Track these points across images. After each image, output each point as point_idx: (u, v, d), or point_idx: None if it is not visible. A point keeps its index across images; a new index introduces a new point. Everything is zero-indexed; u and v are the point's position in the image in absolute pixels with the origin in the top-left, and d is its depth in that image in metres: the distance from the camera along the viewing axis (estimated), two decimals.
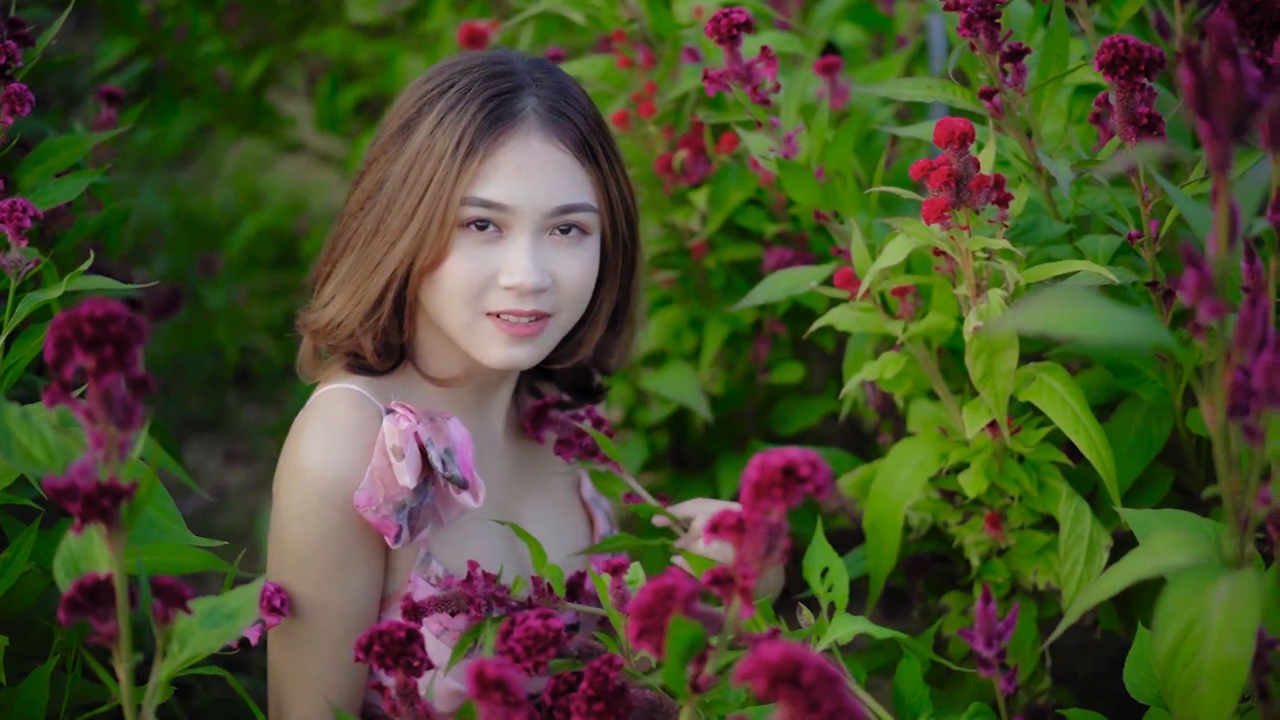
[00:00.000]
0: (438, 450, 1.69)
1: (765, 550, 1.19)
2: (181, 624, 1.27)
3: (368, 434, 1.69)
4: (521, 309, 1.70)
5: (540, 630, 1.42)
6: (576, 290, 1.74)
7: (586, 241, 1.75)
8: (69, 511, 1.16)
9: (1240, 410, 1.11)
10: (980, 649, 1.36)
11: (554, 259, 1.72)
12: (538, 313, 1.71)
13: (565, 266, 1.73)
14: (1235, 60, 1.02)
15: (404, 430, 1.67)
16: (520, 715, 1.28)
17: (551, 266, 1.71)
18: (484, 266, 1.70)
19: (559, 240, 1.72)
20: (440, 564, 1.74)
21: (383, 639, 1.40)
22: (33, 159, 1.95)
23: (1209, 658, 1.13)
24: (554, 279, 1.71)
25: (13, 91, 1.72)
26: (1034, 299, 1.12)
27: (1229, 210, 1.07)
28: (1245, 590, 1.13)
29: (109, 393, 1.16)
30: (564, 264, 1.73)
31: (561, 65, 2.34)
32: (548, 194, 1.70)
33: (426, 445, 1.68)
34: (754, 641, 1.23)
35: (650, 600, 1.20)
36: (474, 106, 1.69)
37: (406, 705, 1.44)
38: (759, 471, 1.16)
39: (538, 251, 1.70)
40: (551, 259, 1.72)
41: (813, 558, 1.71)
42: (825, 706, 1.03)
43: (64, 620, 1.18)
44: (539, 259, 1.70)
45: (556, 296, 1.73)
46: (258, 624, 1.65)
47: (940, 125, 1.66)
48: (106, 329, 1.13)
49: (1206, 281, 1.08)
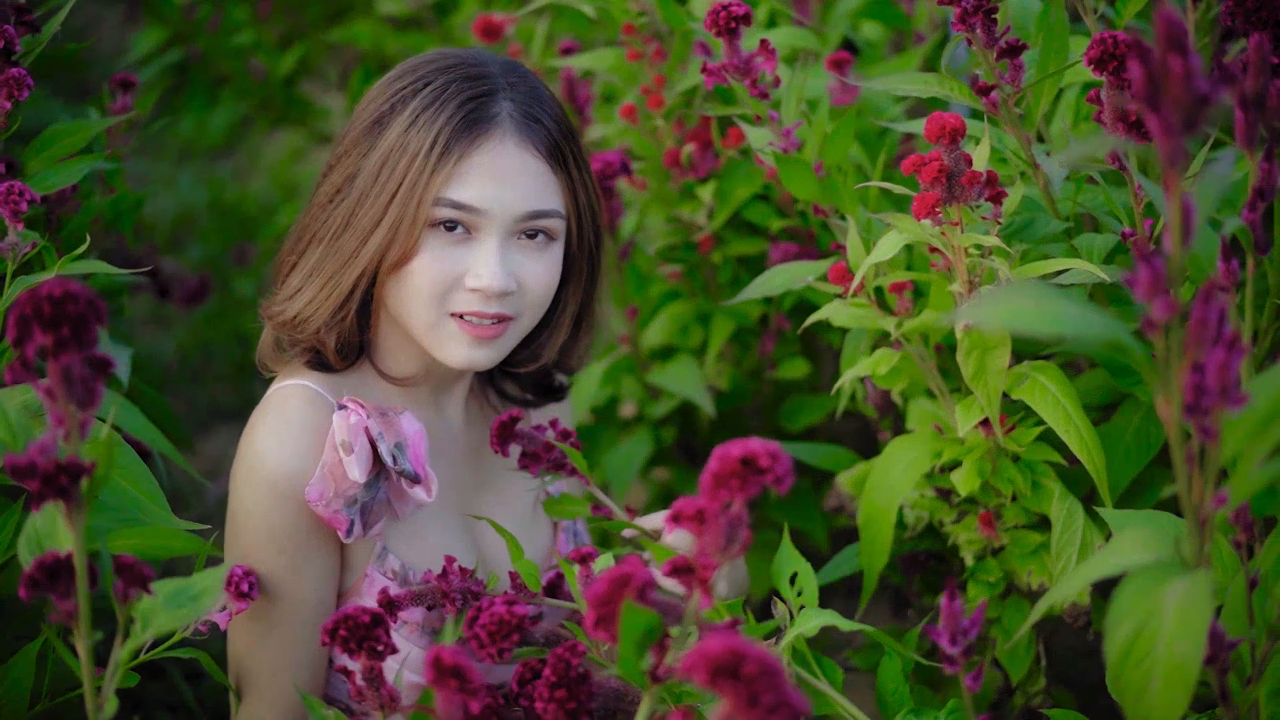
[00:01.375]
0: (388, 445, 1.69)
1: (725, 541, 1.18)
2: (146, 604, 1.28)
3: (321, 429, 1.71)
4: (486, 311, 1.71)
5: (505, 617, 1.42)
6: (540, 295, 1.75)
7: (552, 247, 1.76)
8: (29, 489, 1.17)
9: (1195, 409, 1.10)
10: (946, 646, 1.34)
11: (520, 263, 1.73)
12: (501, 315, 1.72)
13: (531, 271, 1.73)
14: (1184, 54, 1.01)
15: (353, 425, 1.68)
16: (476, 702, 1.29)
17: (518, 270, 1.72)
18: (451, 267, 1.70)
19: (526, 244, 1.73)
20: (396, 558, 1.75)
21: (348, 624, 1.40)
22: (38, 144, 1.97)
23: (1162, 657, 1.12)
24: (519, 283, 1.72)
25: (11, 77, 1.74)
26: (991, 294, 1.12)
27: (1182, 206, 1.06)
28: (1198, 590, 1.12)
29: (68, 371, 1.16)
30: (530, 268, 1.73)
31: (572, 58, 2.35)
32: (519, 199, 1.70)
33: (377, 440, 1.68)
34: (713, 633, 1.23)
35: (606, 588, 1.20)
36: (450, 108, 1.69)
37: (372, 690, 1.45)
38: (718, 462, 1.16)
39: (506, 255, 1.71)
40: (518, 263, 1.72)
41: (781, 562, 1.70)
42: (765, 700, 1.03)
43: (24, 597, 1.20)
44: (507, 262, 1.71)
45: (520, 300, 1.74)
46: (226, 609, 1.66)
47: (931, 120, 1.65)
48: (64, 308, 1.14)
49: (1159, 279, 1.07)
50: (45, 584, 1.20)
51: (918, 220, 1.67)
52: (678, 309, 2.39)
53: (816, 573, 1.69)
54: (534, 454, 1.71)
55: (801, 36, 2.38)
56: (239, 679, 1.74)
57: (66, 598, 1.21)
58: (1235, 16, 1.72)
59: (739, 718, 1.03)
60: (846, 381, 1.92)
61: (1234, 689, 1.25)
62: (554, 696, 1.33)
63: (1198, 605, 1.12)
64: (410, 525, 1.78)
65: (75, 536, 1.20)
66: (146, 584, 1.25)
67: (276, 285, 1.81)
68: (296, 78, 4.01)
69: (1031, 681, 1.98)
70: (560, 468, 1.71)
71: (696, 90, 2.31)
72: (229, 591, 1.61)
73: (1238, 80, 1.34)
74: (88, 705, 1.25)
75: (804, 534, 2.42)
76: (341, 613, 1.40)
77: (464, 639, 1.43)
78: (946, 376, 1.90)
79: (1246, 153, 1.36)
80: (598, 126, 2.42)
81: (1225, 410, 1.10)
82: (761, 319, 2.42)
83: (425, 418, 1.84)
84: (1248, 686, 1.25)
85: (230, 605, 1.62)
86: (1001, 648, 1.94)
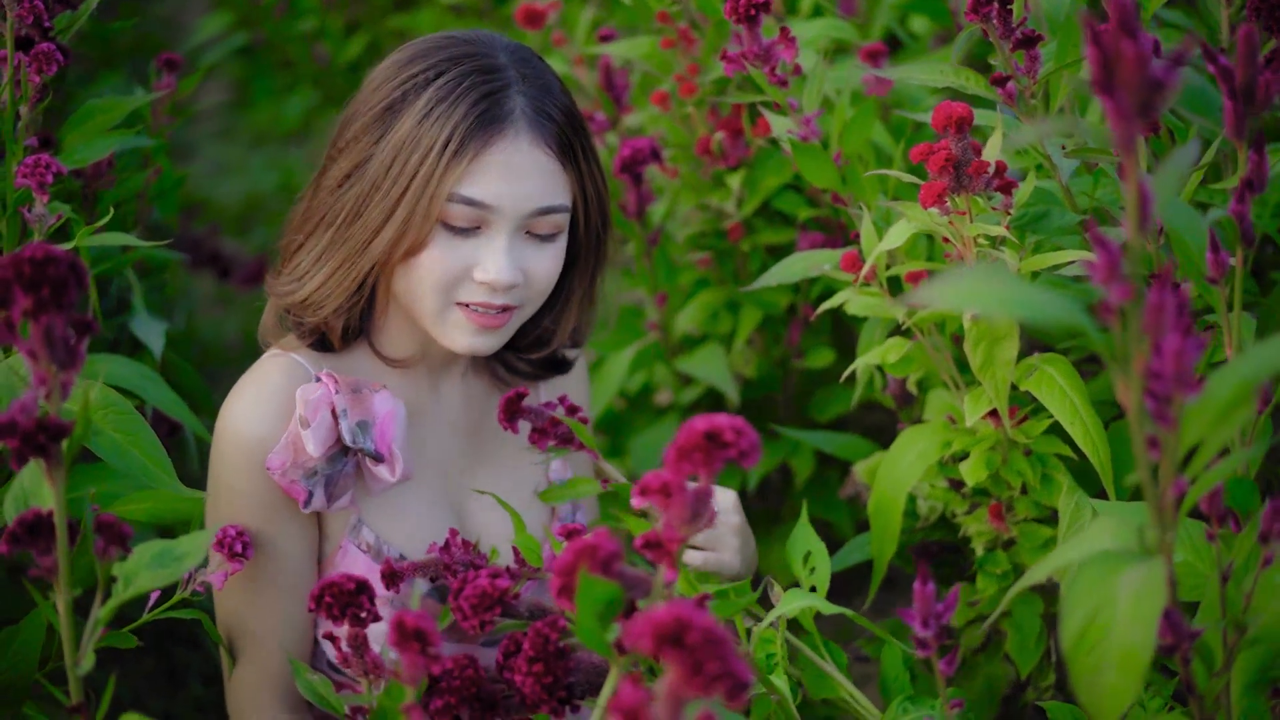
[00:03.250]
0: (350, 422, 1.72)
1: (691, 515, 1.19)
2: (130, 563, 1.32)
3: (292, 400, 1.74)
4: (493, 302, 1.73)
5: (487, 589, 1.44)
6: (544, 285, 1.77)
7: (558, 239, 1.77)
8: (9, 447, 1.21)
9: (1153, 395, 1.10)
10: (918, 630, 1.35)
11: (528, 257, 1.74)
12: (506, 305, 1.74)
13: (537, 264, 1.75)
14: (1136, 38, 1.00)
15: (314, 400, 1.71)
16: (438, 666, 1.31)
17: (525, 263, 1.74)
18: (460, 260, 1.72)
19: (533, 239, 1.75)
20: (372, 531, 1.78)
21: (332, 590, 1.43)
22: (75, 120, 2.01)
23: (1116, 644, 1.12)
24: (525, 275, 1.74)
25: (40, 51, 1.78)
26: (951, 275, 1.12)
27: (1138, 191, 1.06)
28: (1153, 578, 1.12)
29: (49, 332, 1.20)
30: (536, 262, 1.75)
31: (609, 46, 2.36)
32: (531, 196, 1.72)
33: (340, 416, 1.71)
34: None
35: (571, 559, 1.21)
36: (465, 104, 1.69)
37: (357, 656, 1.48)
38: (683, 435, 1.17)
39: (514, 249, 1.72)
40: (525, 256, 1.74)
41: (796, 542, 1.71)
42: (709, 668, 1.03)
43: (5, 552, 1.23)
44: (515, 257, 1.72)
45: (525, 291, 1.75)
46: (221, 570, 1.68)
47: (938, 110, 1.65)
48: (45, 271, 1.17)
49: (1115, 263, 1.07)
50: (26, 540, 1.24)
51: (925, 208, 1.67)
52: (707, 297, 2.40)
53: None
54: (542, 429, 1.73)
55: (841, 28, 2.39)
56: (230, 643, 1.78)
57: (47, 554, 1.25)
58: (1259, 14, 1.72)
59: (683, 686, 1.04)
60: (859, 369, 1.92)
61: (1200, 679, 1.24)
62: (531, 671, 1.35)
63: (1151, 593, 1.12)
64: (391, 501, 1.80)
65: (56, 494, 1.23)
66: (125, 543, 1.29)
67: (282, 264, 1.83)
68: (361, 64, 4.05)
69: (1042, 676, 1.97)
70: (568, 442, 1.73)
71: (729, 79, 2.31)
72: (221, 552, 1.64)
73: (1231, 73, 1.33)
74: (66, 660, 1.28)
75: (830, 524, 2.42)
76: (327, 580, 1.43)
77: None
78: (963, 368, 1.89)
79: (1236, 144, 1.35)
80: (635, 114, 2.44)
81: (1185, 398, 1.09)
82: (789, 308, 2.42)
83: (419, 398, 1.86)
84: (1215, 677, 1.24)
85: (225, 565, 1.65)
86: (1011, 642, 1.93)
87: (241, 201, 4.64)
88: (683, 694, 1.03)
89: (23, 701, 1.65)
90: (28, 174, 1.75)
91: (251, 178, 4.69)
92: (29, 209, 1.79)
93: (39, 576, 1.26)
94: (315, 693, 1.55)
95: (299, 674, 1.55)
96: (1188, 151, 1.11)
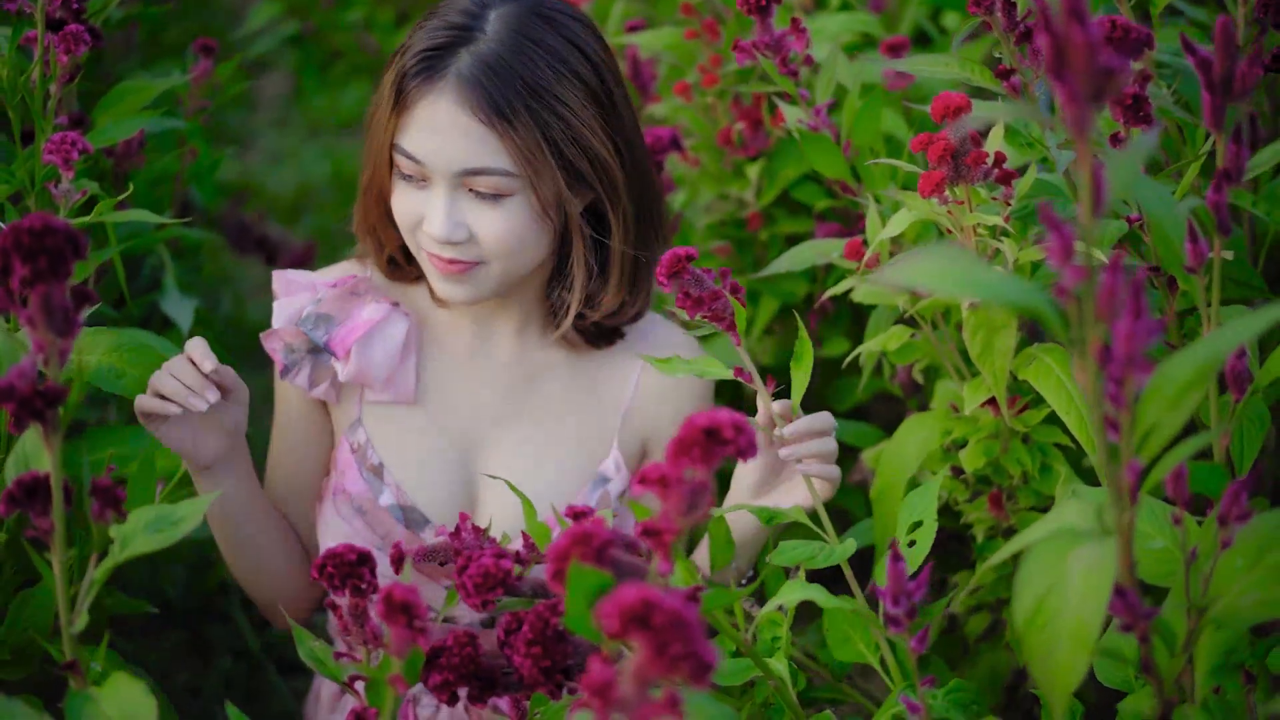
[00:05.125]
0: (312, 312, 1.88)
1: (687, 506, 1.21)
2: (127, 527, 1.36)
3: (344, 282, 1.92)
4: (441, 255, 1.80)
5: (491, 568, 1.47)
6: (498, 245, 1.79)
7: (506, 203, 1.78)
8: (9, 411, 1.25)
9: (1108, 376, 1.12)
10: (889, 606, 1.37)
11: (471, 214, 1.78)
12: (457, 260, 1.80)
13: (482, 224, 1.78)
14: (1084, 25, 1.03)
15: (294, 282, 1.91)
16: (425, 640, 1.34)
17: (468, 221, 1.78)
18: (414, 208, 1.81)
19: (478, 197, 1.78)
20: (366, 434, 1.93)
21: (334, 560, 1.47)
22: (106, 101, 2.08)
23: (1067, 621, 1.14)
24: (471, 233, 1.79)
25: (69, 32, 1.83)
26: (908, 256, 1.14)
27: (1092, 175, 1.08)
28: (1104, 557, 1.14)
29: (48, 301, 1.24)
30: (482, 221, 1.78)
31: (634, 36, 2.40)
32: (452, 156, 1.76)
33: (305, 305, 1.88)
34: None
35: (565, 544, 1.24)
36: (409, 57, 1.77)
37: (357, 626, 1.51)
38: (684, 430, 1.19)
39: (453, 205, 1.78)
40: (469, 214, 1.78)
41: (909, 506, 1.67)
42: (674, 649, 1.05)
43: (3, 513, 1.28)
44: (453, 212, 1.78)
45: (478, 249, 1.80)
46: None
47: (937, 100, 1.67)
48: (43, 241, 1.22)
49: (1068, 245, 1.09)
50: (23, 501, 1.28)
51: (924, 198, 1.69)
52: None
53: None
54: (698, 298, 1.71)
55: (867, 22, 2.41)
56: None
57: (43, 515, 1.29)
58: (1267, 10, 1.75)
59: (649, 666, 1.06)
60: (862, 355, 1.95)
61: (1161, 660, 1.26)
62: (530, 653, 1.37)
63: (1102, 571, 1.14)
64: (395, 416, 1.94)
65: (52, 457, 1.28)
66: (119, 506, 1.33)
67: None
68: None
69: None
70: (720, 319, 1.72)
71: (752, 70, 2.34)
72: None
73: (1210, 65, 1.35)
74: (61, 619, 1.33)
75: (846, 510, 2.44)
76: (329, 551, 1.47)
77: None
78: (967, 358, 1.91)
79: (1215, 134, 1.37)
80: (660, 104, 2.47)
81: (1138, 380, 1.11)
82: (807, 298, 2.44)
83: (460, 340, 1.96)
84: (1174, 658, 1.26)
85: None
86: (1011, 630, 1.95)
87: (294, 190, 4.70)
88: (648, 673, 1.06)
89: (37, 662, 1.70)
90: (54, 150, 1.80)
91: (304, 167, 4.76)
92: (55, 185, 1.84)
93: (36, 537, 1.30)
94: (315, 658, 1.59)
95: (301, 641, 1.59)
96: (1147, 139, 1.13)
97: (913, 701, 1.42)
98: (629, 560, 1.28)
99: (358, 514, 1.92)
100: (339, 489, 1.94)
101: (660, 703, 1.06)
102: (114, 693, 1.28)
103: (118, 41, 3.14)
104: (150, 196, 2.31)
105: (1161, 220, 1.39)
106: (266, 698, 2.58)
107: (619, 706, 1.07)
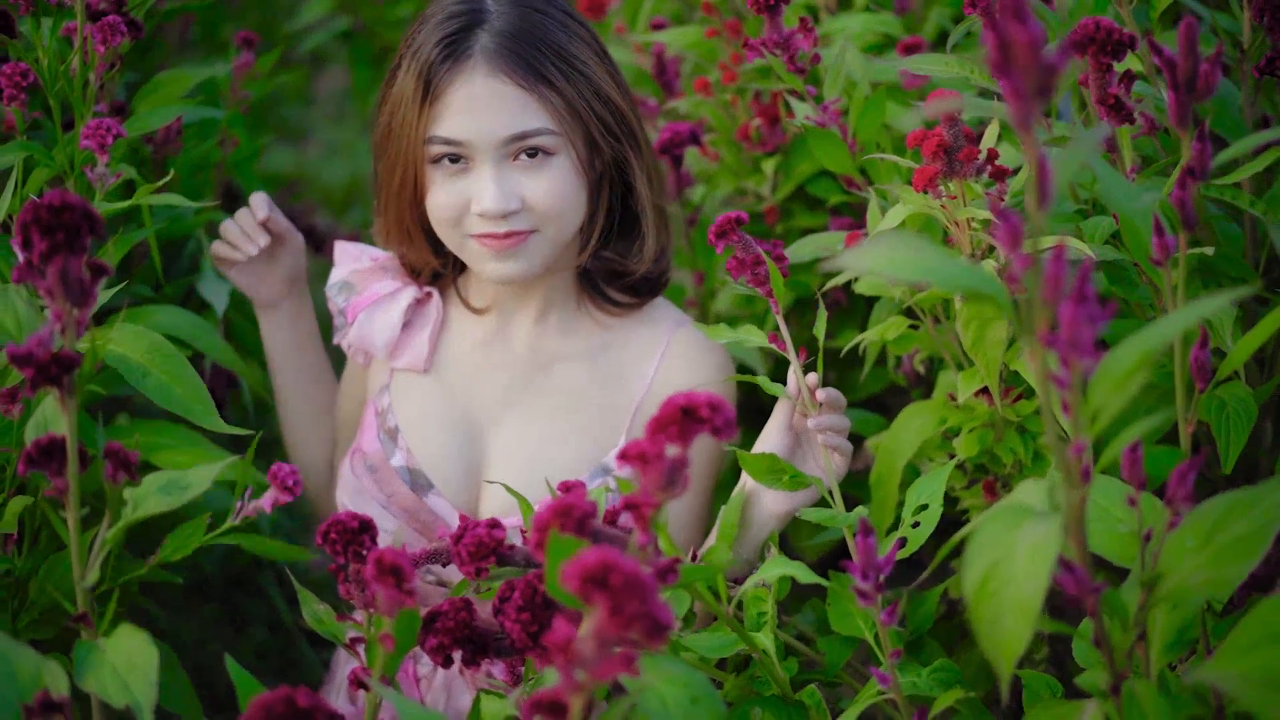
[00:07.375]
0: (340, 277, 2.07)
1: (665, 482, 1.28)
2: (140, 490, 1.45)
3: (390, 269, 2.08)
4: (497, 231, 1.87)
5: (484, 538, 1.54)
6: (550, 207, 1.89)
7: (552, 161, 1.88)
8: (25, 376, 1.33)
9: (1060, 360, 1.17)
10: (858, 580, 1.43)
11: (521, 182, 1.87)
12: (513, 232, 1.87)
13: (532, 188, 1.87)
14: (1026, 23, 1.08)
15: (347, 251, 2.10)
16: (411, 601, 1.42)
17: (519, 189, 1.87)
18: (458, 197, 1.88)
19: (523, 164, 1.87)
20: (389, 398, 2.06)
21: (338, 527, 1.55)
22: (146, 90, 2.18)
23: (1013, 593, 1.20)
24: (523, 201, 1.87)
25: (107, 22, 1.91)
26: (870, 242, 1.21)
27: (1038, 167, 1.13)
28: (1049, 532, 1.19)
29: (65, 273, 1.33)
30: (531, 186, 1.87)
31: (658, 34, 2.46)
32: (497, 125, 1.85)
33: (343, 274, 2.06)
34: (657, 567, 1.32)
35: (548, 516, 1.31)
36: (427, 49, 1.85)
37: (358, 591, 1.59)
38: (663, 409, 1.26)
39: (502, 177, 1.86)
40: (519, 182, 1.87)
41: (918, 489, 1.77)
42: (629, 609, 1.11)
43: (20, 472, 1.36)
44: (504, 184, 1.86)
45: (531, 216, 1.88)
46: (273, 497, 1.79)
47: (929, 98, 1.73)
48: (60, 216, 1.30)
49: (1016, 234, 1.15)
50: (40, 462, 1.37)
51: (917, 192, 1.75)
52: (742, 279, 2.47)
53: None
54: (743, 261, 1.79)
55: (887, 23, 2.46)
56: None
57: (59, 475, 1.38)
58: (1264, 15, 1.79)
59: (606, 625, 1.13)
60: (863, 344, 2.00)
61: (1114, 635, 1.31)
62: (519, 619, 1.44)
63: (1046, 546, 1.19)
64: (414, 383, 2.06)
65: (68, 421, 1.36)
66: (132, 470, 1.41)
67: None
68: None
69: (1036, 649, 2.04)
70: (762, 284, 1.79)
71: (769, 68, 2.40)
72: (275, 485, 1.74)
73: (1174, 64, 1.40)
74: (74, 573, 1.41)
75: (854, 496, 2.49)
76: (334, 518, 1.54)
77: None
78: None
79: (1180, 132, 1.42)
80: (682, 100, 2.53)
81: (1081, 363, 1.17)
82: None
83: (485, 332, 2.06)
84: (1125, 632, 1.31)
85: (275, 496, 1.75)
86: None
87: (346, 182, 4.80)
88: (607, 632, 1.12)
89: (63, 622, 1.79)
90: (90, 135, 1.89)
91: (356, 160, 4.85)
92: (91, 169, 1.92)
93: (52, 496, 1.39)
94: (318, 620, 1.67)
95: (306, 603, 1.66)
96: (1097, 131, 1.18)
97: (882, 673, 1.48)
98: (610, 532, 1.35)
99: (369, 471, 2.02)
100: (357, 447, 2.06)
101: (616, 659, 1.13)
102: (119, 643, 1.36)
103: (171, 35, 3.24)
104: (191, 183, 2.40)
105: (1128, 214, 1.44)
106: (298, 669, 2.66)
107: (580, 663, 1.14)
